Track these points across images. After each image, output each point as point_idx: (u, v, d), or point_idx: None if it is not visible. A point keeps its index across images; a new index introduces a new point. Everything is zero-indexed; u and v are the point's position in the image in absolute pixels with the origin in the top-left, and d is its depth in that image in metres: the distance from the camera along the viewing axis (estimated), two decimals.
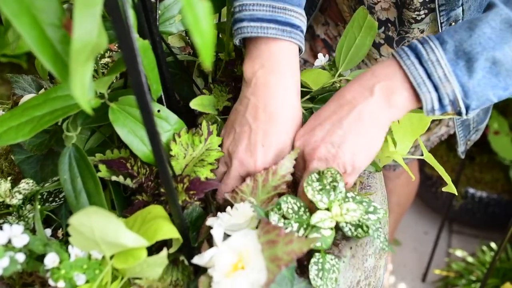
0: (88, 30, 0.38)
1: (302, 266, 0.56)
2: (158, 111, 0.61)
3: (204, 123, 0.62)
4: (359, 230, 0.58)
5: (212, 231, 0.51)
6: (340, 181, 0.58)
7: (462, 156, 1.17)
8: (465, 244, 1.99)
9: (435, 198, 1.98)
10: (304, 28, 0.67)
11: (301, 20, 0.65)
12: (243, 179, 0.64)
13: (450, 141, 1.94)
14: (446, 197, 1.92)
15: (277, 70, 0.63)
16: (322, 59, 0.77)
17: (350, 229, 0.58)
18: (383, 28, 0.92)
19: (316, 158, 0.61)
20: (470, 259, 1.77)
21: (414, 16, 0.85)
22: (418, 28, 0.88)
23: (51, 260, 0.52)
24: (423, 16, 0.85)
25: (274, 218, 0.55)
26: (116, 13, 0.36)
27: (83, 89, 0.38)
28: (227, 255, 0.50)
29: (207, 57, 0.31)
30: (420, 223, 2.10)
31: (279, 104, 0.63)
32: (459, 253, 1.84)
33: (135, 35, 0.49)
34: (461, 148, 1.13)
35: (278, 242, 0.49)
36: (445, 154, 1.95)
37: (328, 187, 0.58)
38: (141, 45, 0.52)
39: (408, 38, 0.91)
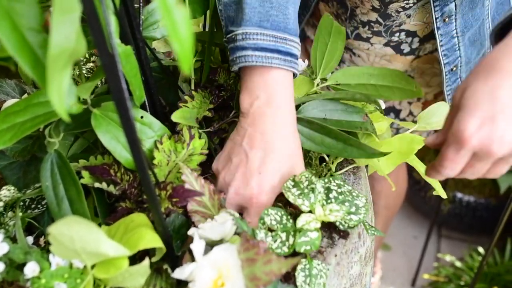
0: (66, 36, 0.38)
1: (286, 273, 0.56)
2: (142, 117, 0.60)
3: (184, 128, 0.62)
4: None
5: (191, 246, 0.50)
6: (317, 183, 0.58)
7: None
8: (454, 248, 1.99)
9: (423, 202, 1.98)
10: (299, 56, 0.68)
11: (298, 49, 0.66)
12: (239, 209, 0.63)
13: None
14: (434, 202, 1.92)
15: (273, 100, 0.63)
16: (301, 64, 0.77)
17: (340, 223, 0.59)
18: (367, 27, 0.94)
19: (499, 155, 0.53)
20: (458, 264, 1.77)
21: (403, 5, 0.87)
22: (405, 14, 0.89)
23: (31, 269, 0.51)
24: (411, 4, 0.86)
25: (261, 235, 0.55)
26: (93, 19, 0.35)
27: (60, 95, 0.38)
28: (207, 271, 0.49)
29: (186, 64, 0.31)
30: (409, 228, 2.10)
31: (276, 133, 0.63)
32: (447, 258, 1.85)
33: (115, 41, 0.48)
34: None
35: (257, 260, 0.48)
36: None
37: (306, 190, 0.58)
38: (123, 51, 0.51)
39: (395, 24, 0.92)
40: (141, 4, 0.62)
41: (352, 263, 0.62)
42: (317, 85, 0.75)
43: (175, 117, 0.64)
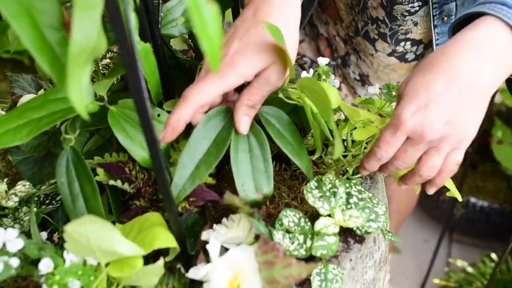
0: (87, 33, 0.37)
1: None
2: (158, 115, 0.60)
3: None
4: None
5: (208, 247, 0.50)
6: (340, 187, 0.58)
7: None
8: (465, 253, 1.97)
9: (436, 206, 1.97)
10: None
11: None
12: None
13: None
14: (447, 206, 1.91)
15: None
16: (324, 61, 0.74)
17: (358, 228, 0.59)
18: (375, 25, 0.93)
19: (429, 139, 0.57)
20: (470, 269, 1.75)
21: (408, 8, 0.86)
22: (412, 20, 0.88)
23: (45, 265, 0.51)
24: (417, 8, 0.86)
25: (278, 236, 0.54)
26: (116, 17, 0.35)
27: (80, 93, 0.37)
28: (222, 272, 0.49)
29: (214, 62, 0.30)
30: (420, 231, 2.09)
31: (270, 6, 0.58)
32: (459, 263, 1.83)
33: (136, 38, 0.48)
34: None
35: (276, 264, 0.47)
36: None
37: (328, 193, 0.57)
38: (142, 49, 0.51)
39: (401, 31, 0.91)
40: (160, 1, 0.62)
41: (367, 268, 0.61)
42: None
43: (167, 106, 0.62)
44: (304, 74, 0.74)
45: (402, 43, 0.93)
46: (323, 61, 0.73)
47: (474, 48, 0.57)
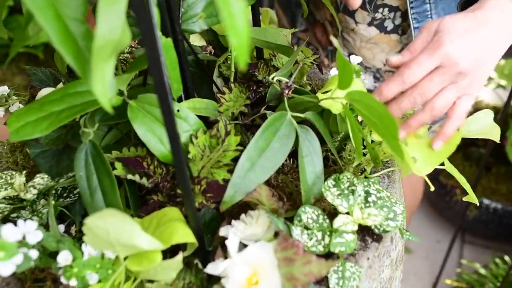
0: (112, 27, 0.37)
1: None
2: (178, 110, 0.60)
3: (221, 124, 0.61)
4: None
5: (226, 242, 0.50)
6: (358, 185, 0.57)
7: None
8: (477, 254, 1.96)
9: (448, 207, 1.95)
10: None
11: None
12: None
13: (466, 150, 1.91)
14: (460, 207, 1.89)
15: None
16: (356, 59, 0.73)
17: (376, 227, 0.59)
18: None
19: (460, 68, 0.62)
20: (482, 271, 1.74)
21: None
22: None
23: (64, 258, 0.51)
24: None
25: (297, 232, 0.54)
26: (142, 12, 0.35)
27: (103, 86, 0.38)
28: (241, 268, 0.49)
29: (242, 57, 0.30)
30: (432, 232, 2.07)
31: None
32: (471, 264, 1.81)
33: (158, 33, 0.48)
34: None
35: (296, 260, 0.47)
36: (461, 163, 1.92)
37: (346, 191, 0.57)
38: (164, 44, 0.51)
39: None
40: None
41: (384, 267, 0.60)
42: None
43: (188, 104, 0.63)
44: (333, 71, 0.73)
45: (380, 9, 0.94)
46: (355, 60, 0.72)
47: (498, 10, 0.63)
